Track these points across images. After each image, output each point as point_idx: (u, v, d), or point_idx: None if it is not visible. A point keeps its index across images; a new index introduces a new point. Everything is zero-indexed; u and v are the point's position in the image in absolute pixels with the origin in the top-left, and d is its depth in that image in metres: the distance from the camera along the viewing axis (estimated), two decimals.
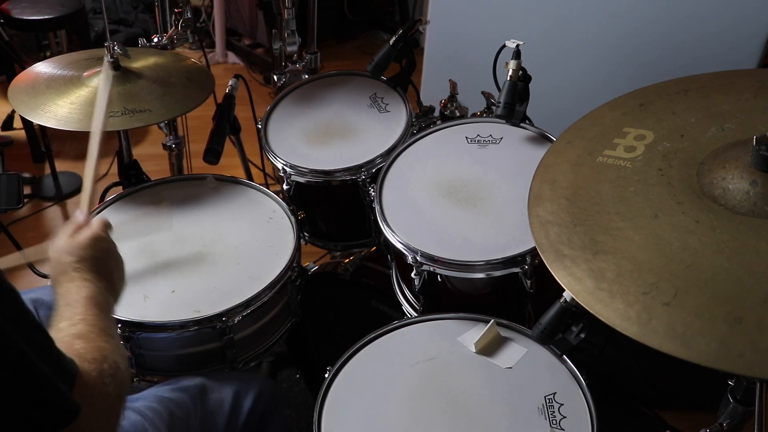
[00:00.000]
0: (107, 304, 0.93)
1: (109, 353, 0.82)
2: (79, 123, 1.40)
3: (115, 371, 0.80)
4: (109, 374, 0.79)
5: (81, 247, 0.97)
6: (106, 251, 1.01)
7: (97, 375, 0.77)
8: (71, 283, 0.92)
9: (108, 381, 0.78)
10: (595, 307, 0.76)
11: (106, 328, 0.87)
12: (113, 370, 0.80)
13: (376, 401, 1.06)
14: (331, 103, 1.66)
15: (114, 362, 0.81)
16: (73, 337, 0.82)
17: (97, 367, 0.78)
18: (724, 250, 0.76)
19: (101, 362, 0.79)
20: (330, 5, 3.86)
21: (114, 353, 0.83)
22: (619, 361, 1.68)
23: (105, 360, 0.80)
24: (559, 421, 1.01)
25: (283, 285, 1.32)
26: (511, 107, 1.34)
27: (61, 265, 0.95)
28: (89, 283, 0.93)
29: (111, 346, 0.84)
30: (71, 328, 0.84)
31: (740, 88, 0.99)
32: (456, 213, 1.27)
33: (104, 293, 0.94)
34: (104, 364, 0.79)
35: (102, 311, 0.90)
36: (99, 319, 0.87)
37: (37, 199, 2.78)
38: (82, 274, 0.94)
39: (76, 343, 0.81)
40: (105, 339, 0.84)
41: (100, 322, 0.87)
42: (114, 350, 0.84)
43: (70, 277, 0.93)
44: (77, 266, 0.94)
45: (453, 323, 1.19)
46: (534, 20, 2.08)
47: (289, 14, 1.85)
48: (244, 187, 1.53)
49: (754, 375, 0.67)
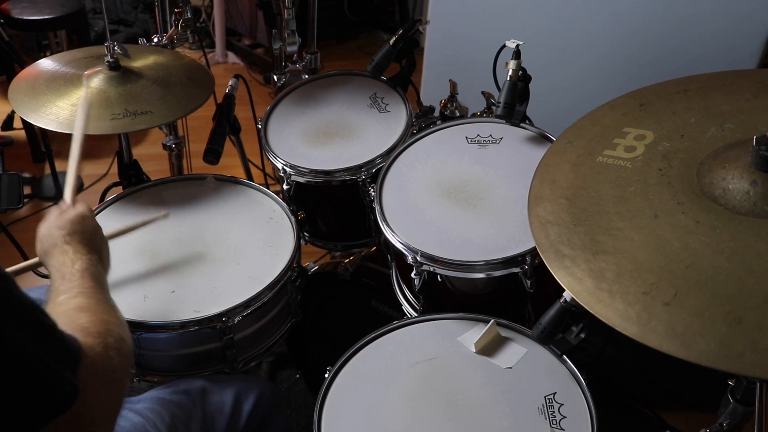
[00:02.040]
0: (101, 276, 0.93)
1: (112, 325, 0.81)
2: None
3: (120, 342, 0.80)
4: (114, 347, 0.78)
5: (71, 222, 0.98)
6: (94, 228, 1.02)
7: (102, 349, 0.76)
8: (64, 256, 0.93)
9: (113, 354, 0.77)
10: (595, 307, 0.76)
11: (105, 300, 0.87)
12: (118, 343, 0.79)
13: (376, 401, 1.06)
14: (331, 103, 1.66)
15: (118, 334, 0.81)
16: (76, 310, 0.82)
17: (102, 341, 0.77)
18: (724, 250, 0.76)
19: (105, 336, 0.79)
20: (330, 5, 3.86)
21: (116, 325, 0.83)
22: (619, 361, 1.68)
23: (109, 333, 0.79)
24: (559, 421, 1.01)
25: (283, 285, 1.32)
26: (511, 107, 1.34)
27: (52, 238, 0.96)
28: (82, 255, 0.93)
29: (113, 317, 0.84)
30: (71, 301, 0.84)
31: (740, 88, 0.99)
32: (456, 213, 1.27)
33: (97, 265, 0.94)
34: (109, 337, 0.79)
35: (97, 282, 0.90)
36: (98, 291, 0.87)
37: (37, 199, 2.79)
38: (73, 246, 0.94)
39: (79, 317, 0.80)
40: (107, 311, 0.84)
41: (99, 294, 0.87)
42: (117, 322, 0.83)
43: (63, 250, 0.94)
44: (68, 239, 0.95)
45: (453, 323, 1.19)
46: (534, 20, 2.08)
47: (289, 14, 1.85)
48: (244, 187, 1.53)
49: (754, 375, 0.67)
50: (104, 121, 1.42)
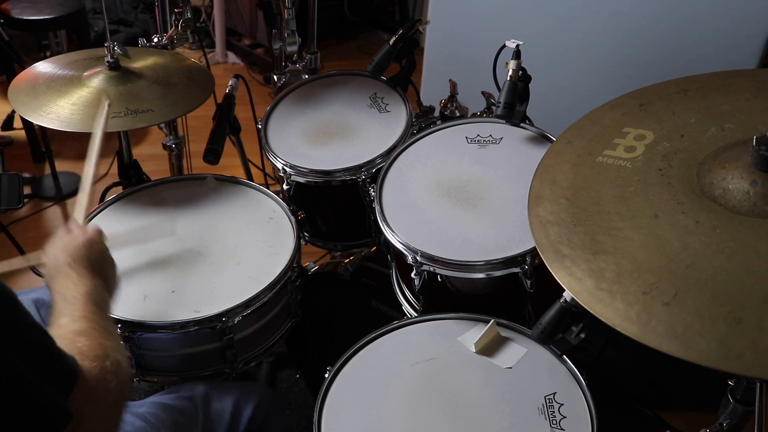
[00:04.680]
0: (104, 302, 0.94)
1: (111, 350, 0.82)
2: (80, 124, 1.40)
3: (117, 368, 0.81)
4: (111, 371, 0.79)
5: (77, 247, 0.99)
6: (101, 252, 1.03)
7: (99, 372, 0.77)
8: (68, 280, 0.93)
9: (110, 378, 0.79)
10: (595, 307, 0.76)
11: (107, 326, 0.88)
12: (115, 368, 0.80)
13: (376, 401, 1.06)
14: (331, 103, 1.66)
15: (116, 360, 0.82)
16: (75, 333, 0.83)
17: (99, 365, 0.78)
18: (724, 250, 0.76)
19: (103, 360, 0.80)
20: (330, 5, 3.86)
21: (115, 350, 0.84)
22: (619, 361, 1.68)
23: (107, 357, 0.80)
24: (559, 421, 1.01)
25: (283, 285, 1.32)
26: (511, 107, 1.34)
27: (58, 262, 0.96)
28: (86, 279, 0.94)
29: (112, 343, 0.85)
30: (72, 325, 0.85)
31: (740, 88, 0.99)
32: (456, 213, 1.27)
33: (101, 291, 0.95)
34: (106, 361, 0.80)
35: (100, 308, 0.91)
36: (98, 316, 0.88)
37: (37, 199, 2.79)
38: (78, 271, 0.95)
39: (78, 340, 0.81)
40: (106, 336, 0.85)
41: (100, 319, 0.88)
42: (115, 347, 0.84)
43: (67, 274, 0.94)
44: (73, 264, 0.96)
45: (453, 323, 1.19)
46: (534, 20, 2.08)
47: (289, 14, 1.85)
48: (244, 187, 1.53)
49: (754, 375, 0.67)
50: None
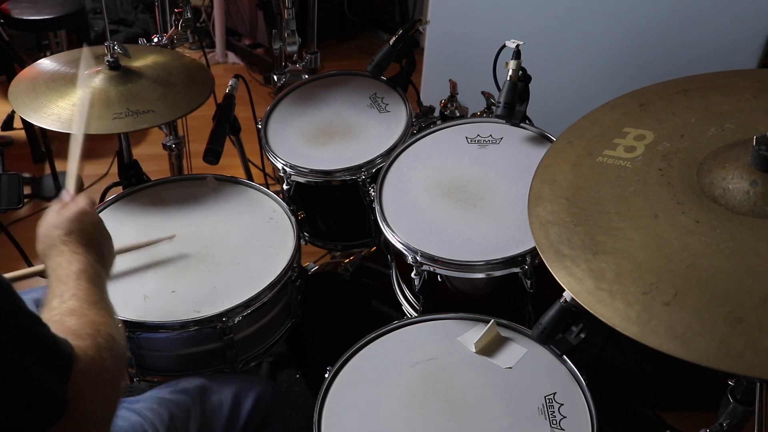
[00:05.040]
0: (98, 277, 0.92)
1: (102, 326, 0.81)
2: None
3: (111, 343, 0.80)
4: (105, 348, 0.78)
5: (69, 220, 0.97)
6: (94, 224, 1.01)
7: (93, 351, 0.76)
8: (61, 257, 0.91)
9: (105, 355, 0.77)
10: (595, 307, 0.76)
11: (99, 301, 0.87)
12: (108, 343, 0.79)
13: (376, 401, 1.06)
14: (331, 103, 1.66)
15: (108, 334, 0.80)
16: (65, 314, 0.81)
17: (92, 343, 0.77)
18: (724, 250, 0.76)
19: (95, 336, 0.78)
20: (330, 5, 3.86)
21: (107, 325, 0.82)
22: (619, 361, 1.67)
23: (98, 333, 0.79)
24: (559, 421, 1.01)
25: (283, 285, 1.32)
26: (511, 107, 1.34)
27: (50, 239, 0.95)
28: (79, 255, 0.92)
29: (104, 318, 0.83)
30: (62, 305, 0.83)
31: (740, 88, 0.99)
32: (456, 213, 1.27)
33: (95, 265, 0.93)
34: (98, 338, 0.78)
35: (93, 284, 0.89)
36: (91, 293, 0.87)
37: (37, 199, 2.79)
38: (71, 246, 0.93)
39: (68, 320, 0.80)
40: (96, 311, 0.84)
41: (92, 295, 0.87)
42: (107, 322, 0.83)
43: (60, 251, 0.92)
44: (66, 239, 0.94)
45: (453, 323, 1.19)
46: (534, 20, 2.08)
47: (289, 14, 1.85)
48: (244, 187, 1.53)
49: (754, 375, 0.67)
50: (107, 120, 1.42)
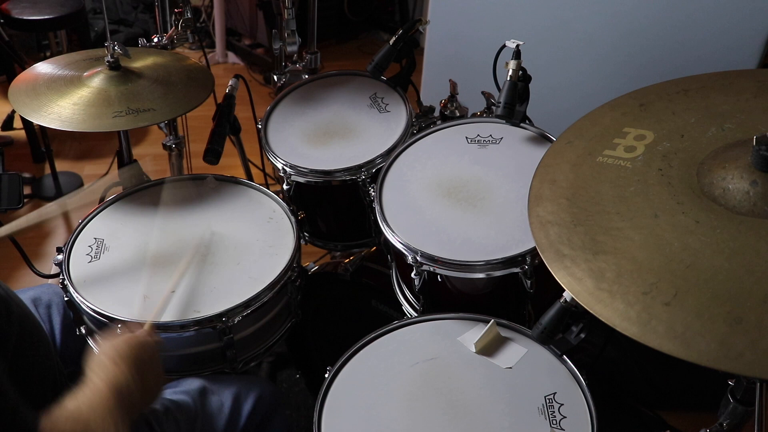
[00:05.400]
0: (127, 395, 0.94)
1: None
2: (81, 124, 1.40)
3: None
4: None
5: (128, 345, 1.01)
6: (150, 358, 1.04)
7: None
8: (101, 370, 0.96)
9: None
10: (595, 307, 0.76)
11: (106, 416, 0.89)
12: None
13: (376, 401, 1.06)
14: (331, 103, 1.66)
15: None
16: (65, 417, 0.86)
17: None
18: (724, 250, 0.76)
19: None
20: (330, 5, 3.86)
21: None
22: (619, 361, 1.67)
23: None
24: (559, 421, 1.01)
25: (283, 285, 1.32)
26: (511, 107, 1.34)
27: (104, 355, 0.99)
28: (119, 373, 0.96)
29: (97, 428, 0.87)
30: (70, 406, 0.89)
31: (740, 88, 0.99)
32: (456, 213, 1.27)
33: (129, 384, 0.95)
34: None
35: (116, 395, 0.92)
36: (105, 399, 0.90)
37: (37, 199, 2.79)
38: (116, 365, 0.97)
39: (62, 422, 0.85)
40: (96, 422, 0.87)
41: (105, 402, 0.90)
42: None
43: (104, 366, 0.97)
44: (117, 360, 0.98)
45: (453, 323, 1.19)
46: (534, 20, 2.08)
47: (289, 14, 1.85)
48: (244, 187, 1.53)
49: (754, 375, 0.67)
50: (107, 118, 1.42)
